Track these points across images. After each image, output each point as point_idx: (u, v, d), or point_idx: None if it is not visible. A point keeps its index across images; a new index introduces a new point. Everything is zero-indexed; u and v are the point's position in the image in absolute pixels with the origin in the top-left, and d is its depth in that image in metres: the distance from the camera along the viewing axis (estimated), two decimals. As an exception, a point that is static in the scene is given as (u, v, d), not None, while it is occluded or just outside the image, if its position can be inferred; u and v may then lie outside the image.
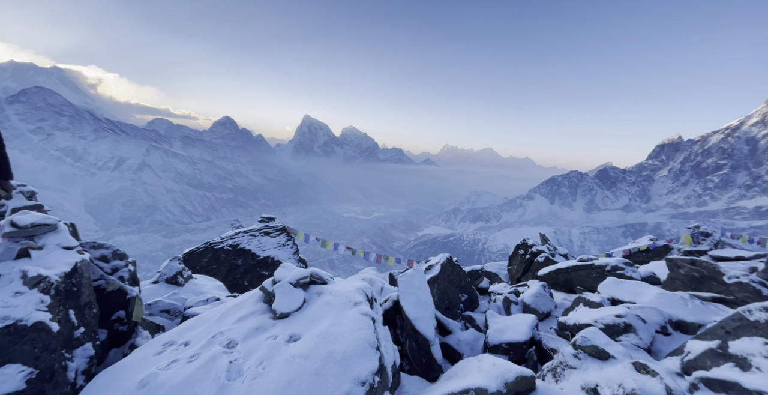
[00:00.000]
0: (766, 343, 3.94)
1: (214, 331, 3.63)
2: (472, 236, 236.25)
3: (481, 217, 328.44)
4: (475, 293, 9.40)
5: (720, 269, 7.28)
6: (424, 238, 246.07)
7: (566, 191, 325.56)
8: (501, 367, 3.74)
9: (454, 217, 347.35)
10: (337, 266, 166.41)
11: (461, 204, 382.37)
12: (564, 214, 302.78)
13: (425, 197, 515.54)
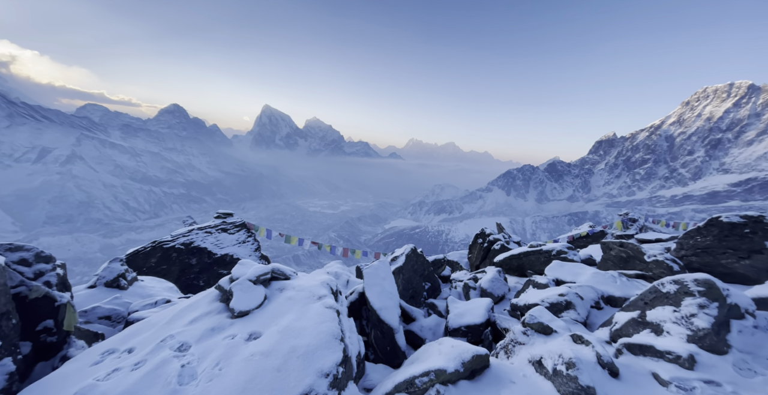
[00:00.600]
0: (674, 311, 4.66)
1: (163, 335, 3.37)
2: (436, 228, 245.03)
3: (445, 209, 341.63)
4: (438, 281, 9.83)
5: (642, 249, 8.42)
6: (391, 231, 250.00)
7: (520, 183, 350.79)
8: (459, 348, 3.98)
9: (420, 210, 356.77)
10: (302, 261, 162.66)
11: (426, 197, 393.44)
12: (518, 205, 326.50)
13: (392, 190, 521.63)
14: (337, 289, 5.12)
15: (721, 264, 7.20)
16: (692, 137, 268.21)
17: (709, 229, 7.50)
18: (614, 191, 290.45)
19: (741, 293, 4.84)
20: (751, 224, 7.08)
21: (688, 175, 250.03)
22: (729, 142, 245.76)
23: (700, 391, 3.32)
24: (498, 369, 3.93)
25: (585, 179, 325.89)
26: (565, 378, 3.50)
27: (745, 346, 4.01)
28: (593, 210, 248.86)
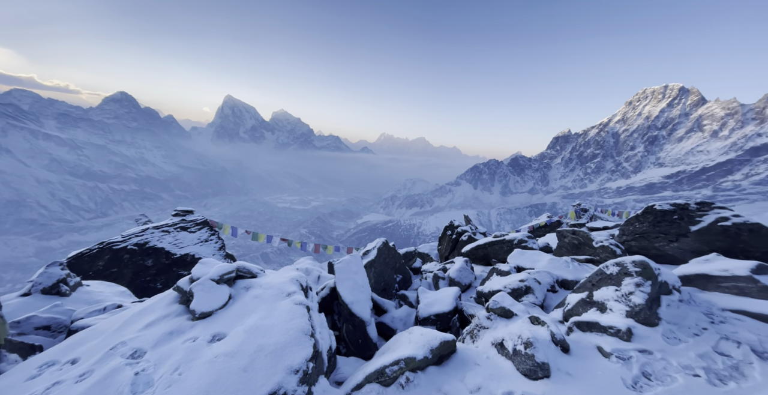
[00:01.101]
0: (616, 290, 5.19)
1: (112, 342, 3.11)
2: (408, 221, 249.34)
3: (416, 203, 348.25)
4: (409, 273, 10.06)
5: (591, 236, 9.25)
6: (364, 225, 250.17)
7: (486, 177, 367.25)
8: (427, 336, 4.14)
9: (392, 204, 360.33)
10: (272, 259, 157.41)
11: (398, 191, 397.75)
12: (485, 197, 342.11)
13: (364, 185, 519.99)
14: (307, 285, 5.04)
15: (654, 247, 8.15)
16: (634, 134, 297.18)
17: (646, 216, 8.43)
18: (569, 183, 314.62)
19: (669, 271, 5.52)
20: (678, 211, 8.06)
21: (631, 168, 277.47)
22: (663, 138, 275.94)
23: (635, 359, 3.76)
24: (464, 353, 4.15)
25: (544, 172, 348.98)
26: (523, 357, 3.78)
27: (672, 318, 4.59)
28: (551, 202, 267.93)
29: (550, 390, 3.27)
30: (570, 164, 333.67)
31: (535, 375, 3.56)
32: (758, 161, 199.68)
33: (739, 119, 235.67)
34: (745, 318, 4.59)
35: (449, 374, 3.69)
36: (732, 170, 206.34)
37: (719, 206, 7.67)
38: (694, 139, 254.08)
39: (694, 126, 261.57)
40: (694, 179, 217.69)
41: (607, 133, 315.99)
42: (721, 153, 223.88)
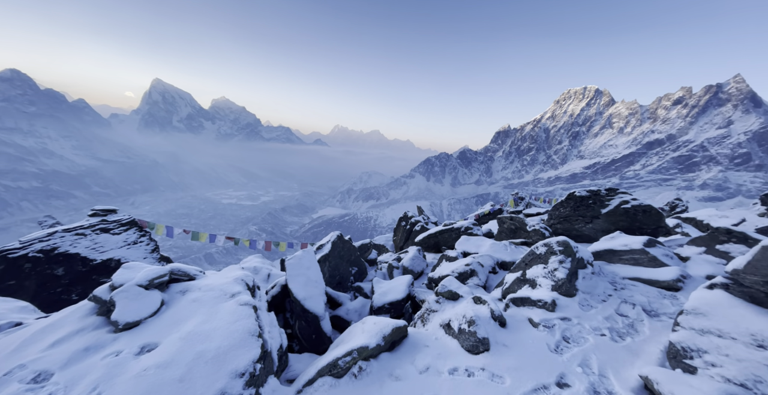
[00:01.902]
0: (544, 268, 5.89)
1: (7, 367, 2.60)
2: (365, 214, 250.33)
3: (373, 196, 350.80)
4: (365, 265, 10.15)
5: (525, 221, 10.33)
6: (320, 220, 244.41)
7: (438, 169, 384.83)
8: (380, 324, 4.25)
9: (348, 197, 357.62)
10: (217, 260, 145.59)
11: (354, 184, 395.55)
12: (437, 189, 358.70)
13: (318, 178, 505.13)
14: (254, 284, 4.78)
15: (575, 228, 9.41)
16: (561, 129, 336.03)
17: (568, 202, 9.65)
18: (509, 174, 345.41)
19: (585, 249, 6.42)
20: (593, 197, 9.39)
21: (558, 160, 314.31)
22: (584, 134, 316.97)
23: (557, 326, 4.34)
24: (414, 337, 4.35)
25: (488, 165, 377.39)
26: (467, 335, 4.11)
27: (586, 288, 5.38)
28: (494, 191, 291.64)
29: (489, 362, 3.62)
30: (510, 157, 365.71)
31: (477, 350, 3.90)
32: (652, 154, 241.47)
33: (638, 117, 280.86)
34: (638, 283, 5.58)
35: (401, 358, 3.85)
36: (633, 162, 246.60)
37: (622, 192, 9.12)
38: (606, 135, 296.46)
39: (606, 123, 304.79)
40: (606, 169, 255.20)
41: (540, 128, 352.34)
42: (625, 147, 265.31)
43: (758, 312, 2.97)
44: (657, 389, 2.77)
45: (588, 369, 3.45)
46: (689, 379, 2.71)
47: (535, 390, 3.16)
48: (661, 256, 5.88)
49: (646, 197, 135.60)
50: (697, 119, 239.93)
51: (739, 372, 2.70)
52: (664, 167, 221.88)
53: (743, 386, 2.64)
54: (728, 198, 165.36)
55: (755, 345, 2.74)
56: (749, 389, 2.60)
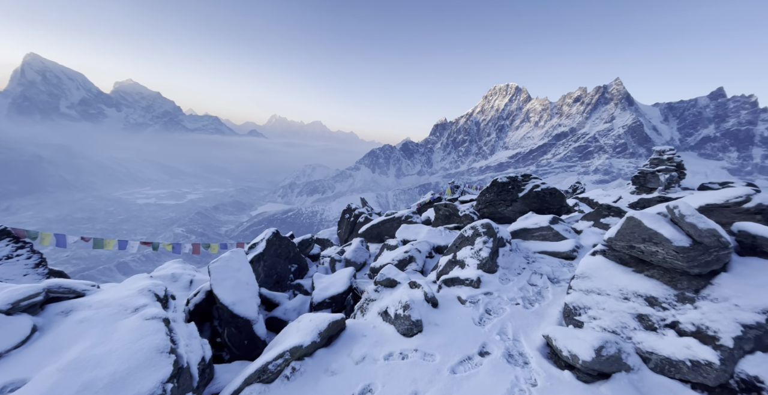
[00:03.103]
0: (471, 249, 6.41)
1: None
2: (310, 209, 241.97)
3: (318, 189, 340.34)
4: (305, 261, 9.79)
5: (458, 207, 11.14)
6: (260, 217, 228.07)
7: (382, 161, 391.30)
8: (316, 321, 4.12)
9: (291, 192, 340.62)
10: (135, 269, 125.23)
11: (297, 178, 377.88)
12: (382, 181, 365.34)
13: (256, 172, 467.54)
14: (166, 294, 4.18)
15: (498, 211, 10.48)
16: (489, 123, 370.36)
17: (492, 188, 10.68)
18: (447, 165, 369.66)
19: (505, 229, 7.17)
20: (511, 182, 10.54)
21: (488, 151, 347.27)
22: (507, 127, 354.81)
23: (481, 301, 4.79)
24: (353, 328, 4.35)
25: (428, 156, 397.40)
26: (402, 319, 4.25)
27: (505, 264, 6.03)
28: (435, 181, 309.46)
29: (422, 343, 3.81)
30: (447, 149, 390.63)
31: (411, 333, 4.06)
32: (559, 144, 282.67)
33: (549, 113, 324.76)
34: (546, 256, 6.48)
35: (338, 352, 3.81)
36: (546, 151, 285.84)
37: (534, 177, 10.43)
38: (525, 128, 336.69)
39: (524, 118, 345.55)
40: (526, 159, 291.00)
41: (472, 122, 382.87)
42: (540, 139, 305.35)
43: (624, 271, 3.68)
44: (554, 345, 3.25)
45: (505, 336, 3.88)
46: (577, 333, 3.23)
47: (461, 362, 3.44)
48: (562, 231, 6.91)
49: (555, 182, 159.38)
50: (591, 115, 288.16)
51: (612, 321, 3.31)
52: (568, 156, 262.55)
53: (614, 332, 3.25)
54: (612, 180, 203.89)
55: (622, 297, 3.39)
56: (618, 334, 3.22)
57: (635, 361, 2.92)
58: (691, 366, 2.64)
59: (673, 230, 3.17)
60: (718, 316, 2.69)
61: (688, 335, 2.79)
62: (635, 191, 12.85)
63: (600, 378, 2.86)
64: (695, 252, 2.96)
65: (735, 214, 4.09)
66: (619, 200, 11.85)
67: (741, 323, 2.59)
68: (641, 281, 3.37)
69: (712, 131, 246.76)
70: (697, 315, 2.81)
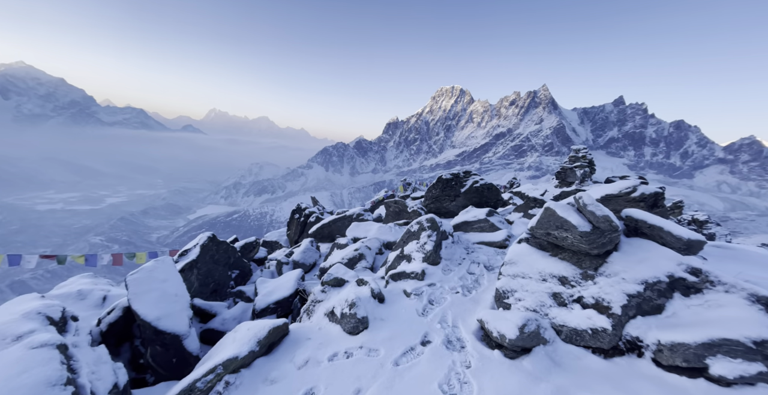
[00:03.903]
0: (417, 243, 6.63)
1: None
2: (258, 210, 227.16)
3: (267, 189, 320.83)
4: (249, 266, 9.15)
5: (407, 204, 11.47)
6: (200, 221, 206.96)
7: (336, 159, 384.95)
8: (255, 329, 3.86)
9: (236, 192, 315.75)
10: (35, 288, 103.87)
11: (243, 178, 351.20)
12: (336, 179, 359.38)
13: (194, 172, 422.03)
14: (64, 315, 3.54)
15: (443, 207, 11.05)
16: (437, 123, 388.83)
17: (437, 184, 11.21)
18: (400, 163, 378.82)
19: (448, 222, 7.58)
20: (455, 179, 11.19)
21: (437, 150, 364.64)
22: (454, 127, 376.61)
23: (425, 293, 4.99)
24: (297, 332, 4.18)
25: (382, 154, 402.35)
26: (348, 318, 4.22)
27: (447, 255, 6.37)
28: (389, 179, 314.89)
29: (367, 339, 3.82)
30: (400, 147, 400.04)
31: (357, 331, 4.05)
32: (499, 144, 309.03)
33: (489, 114, 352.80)
34: (483, 246, 7.01)
35: (279, 359, 3.63)
36: (488, 150, 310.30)
37: (474, 174, 11.21)
38: (469, 128, 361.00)
39: (469, 118, 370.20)
40: (471, 157, 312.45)
41: (422, 121, 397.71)
42: (482, 138, 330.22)
43: (543, 255, 4.14)
44: (487, 327, 3.52)
45: (445, 324, 4.09)
46: (505, 314, 3.54)
47: (404, 354, 3.53)
48: (497, 222, 7.54)
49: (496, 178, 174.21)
50: (524, 117, 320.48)
51: (533, 301, 3.71)
52: (506, 154, 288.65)
53: (535, 310, 3.64)
54: (543, 176, 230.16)
55: (541, 279, 3.82)
56: (538, 312, 3.62)
57: (551, 334, 3.31)
58: (591, 334, 3.09)
59: (579, 217, 3.66)
60: (610, 289, 3.19)
61: (589, 307, 3.25)
62: (558, 185, 14.62)
63: (523, 353, 3.19)
64: (594, 236, 3.45)
65: (625, 202, 4.88)
66: (545, 194, 13.37)
67: (626, 293, 3.10)
68: (556, 264, 3.82)
69: (616, 133, 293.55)
70: (596, 289, 3.29)
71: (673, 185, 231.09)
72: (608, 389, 2.59)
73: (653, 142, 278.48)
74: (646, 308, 3.07)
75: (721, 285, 2.92)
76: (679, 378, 2.62)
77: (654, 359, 2.81)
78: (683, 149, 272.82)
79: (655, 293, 3.08)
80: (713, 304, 2.82)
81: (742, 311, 2.69)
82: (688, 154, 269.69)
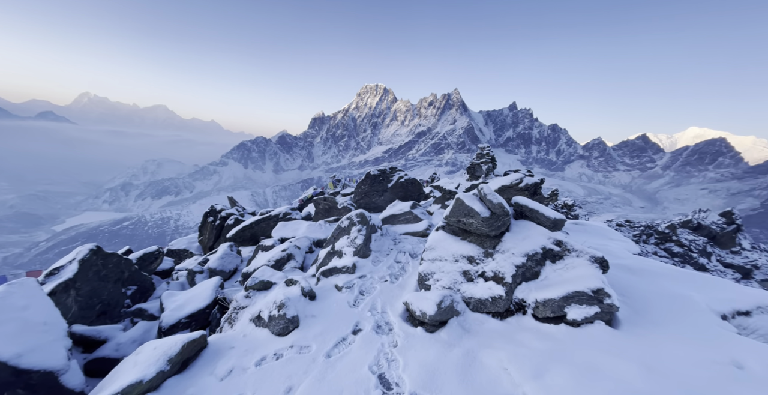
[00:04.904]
0: (347, 238, 6.75)
1: None
2: (159, 215, 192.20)
3: (168, 190, 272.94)
4: (150, 279, 7.81)
5: (336, 200, 11.45)
6: (73, 232, 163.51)
7: (256, 155, 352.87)
8: (163, 347, 3.40)
9: (126, 195, 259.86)
10: None
11: (134, 177, 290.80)
12: (257, 177, 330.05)
13: (60, 172, 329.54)
14: None
15: (372, 202, 11.43)
16: (364, 120, 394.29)
17: (366, 180, 11.52)
18: (329, 159, 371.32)
19: (377, 216, 7.89)
20: (382, 175, 11.68)
21: (366, 146, 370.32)
22: (380, 124, 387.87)
23: (356, 285, 5.16)
24: (217, 343, 3.84)
25: (309, 150, 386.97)
26: (277, 319, 4.08)
27: (377, 247, 6.68)
28: (317, 176, 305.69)
29: (298, 338, 3.78)
30: (328, 143, 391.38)
31: (287, 331, 3.96)
32: (421, 142, 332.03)
33: (411, 113, 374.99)
34: (408, 236, 7.57)
35: (196, 374, 3.29)
36: (411, 147, 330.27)
37: (399, 170, 11.90)
38: (394, 126, 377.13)
39: (393, 117, 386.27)
40: (397, 153, 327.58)
41: (349, 117, 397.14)
42: (406, 136, 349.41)
43: (456, 240, 4.75)
44: (411, 308, 3.89)
45: (375, 311, 4.34)
46: (426, 294, 3.97)
47: (336, 345, 3.63)
48: (420, 214, 8.23)
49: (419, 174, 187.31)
50: (440, 118, 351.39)
51: (448, 280, 4.24)
52: (427, 151, 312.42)
53: (450, 288, 4.18)
54: (458, 171, 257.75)
55: (454, 260, 4.38)
56: (452, 288, 4.16)
57: (462, 307, 3.87)
58: (491, 301, 3.73)
59: (481, 205, 4.33)
60: (504, 263, 3.89)
61: (490, 279, 3.91)
62: (469, 179, 16.69)
63: (441, 326, 3.64)
64: (492, 220, 4.14)
65: (515, 191, 5.93)
66: (459, 187, 15.10)
67: (515, 265, 3.84)
68: (465, 246, 4.44)
69: (511, 134, 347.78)
70: (494, 264, 3.97)
71: (551, 176, 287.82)
72: (503, 343, 3.20)
73: (537, 141, 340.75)
74: (528, 275, 3.87)
75: (574, 252, 3.89)
76: (549, 326, 3.41)
77: (533, 314, 3.58)
78: (557, 148, 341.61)
79: (534, 262, 3.91)
80: (569, 266, 3.74)
81: (586, 269, 3.64)
82: (560, 151, 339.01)
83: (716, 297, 3.64)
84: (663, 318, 3.31)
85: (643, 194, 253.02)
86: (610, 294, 3.29)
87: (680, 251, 20.60)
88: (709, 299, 3.57)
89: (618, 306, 3.24)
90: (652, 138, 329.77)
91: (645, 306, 3.55)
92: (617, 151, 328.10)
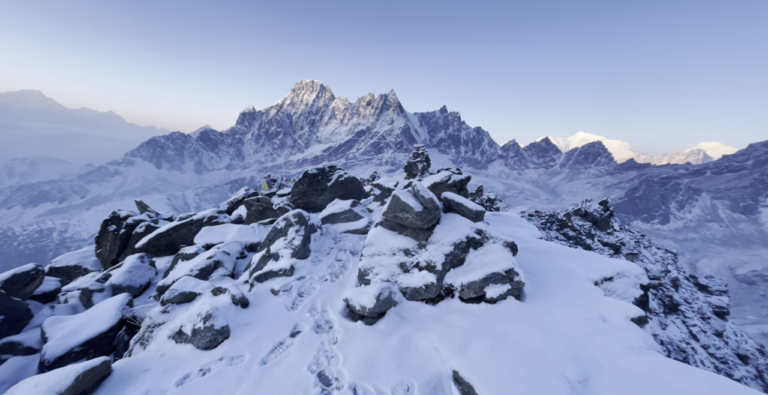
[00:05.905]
0: (284, 239, 6.44)
1: None
2: (35, 227, 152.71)
3: (48, 196, 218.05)
4: (25, 306, 6.23)
5: (272, 201, 10.78)
6: None
7: (172, 153, 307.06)
8: (49, 381, 2.79)
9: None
10: None
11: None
12: (175, 178, 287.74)
13: None
14: None
15: (312, 201, 11.11)
16: (301, 116, 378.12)
17: (304, 179, 11.13)
18: (262, 158, 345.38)
19: (316, 216, 7.72)
20: (321, 174, 11.42)
21: (303, 144, 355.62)
22: (318, 122, 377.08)
23: (295, 287, 4.99)
24: (126, 368, 3.31)
25: (238, 148, 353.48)
26: (203, 332, 3.70)
27: (316, 247, 6.54)
28: (249, 176, 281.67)
29: (229, 348, 3.50)
30: (260, 140, 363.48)
31: (215, 343, 3.63)
32: (361, 140, 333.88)
33: (350, 112, 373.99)
34: (349, 234, 7.59)
35: (98, 409, 2.79)
36: (351, 146, 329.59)
37: (339, 168, 11.81)
38: (333, 124, 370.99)
39: (331, 115, 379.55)
40: (337, 152, 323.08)
41: (284, 114, 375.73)
42: (346, 135, 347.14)
43: (393, 234, 4.97)
44: (351, 304, 3.95)
45: (315, 311, 4.27)
46: (366, 288, 4.07)
47: (272, 350, 3.47)
48: (360, 212, 8.33)
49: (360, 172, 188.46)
50: (379, 118, 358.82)
51: (386, 273, 4.42)
52: (367, 150, 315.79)
53: (388, 280, 4.36)
54: (397, 170, 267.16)
55: (391, 254, 4.59)
56: (390, 280, 4.35)
57: (399, 297, 4.09)
58: (425, 289, 4.03)
59: (415, 201, 4.61)
60: (435, 252, 4.24)
61: (424, 269, 4.21)
62: (406, 177, 17.49)
63: (380, 318, 3.79)
64: (425, 214, 4.46)
65: (445, 187, 6.47)
66: (397, 184, 15.72)
67: (444, 254, 4.21)
68: (402, 240, 4.69)
69: (443, 135, 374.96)
70: (427, 255, 4.29)
71: (477, 174, 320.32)
72: (434, 325, 3.50)
73: (465, 142, 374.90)
74: (455, 262, 4.30)
75: (492, 239, 4.45)
76: (472, 305, 3.85)
77: (460, 297, 3.99)
78: (481, 148, 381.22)
79: (460, 250, 4.35)
80: (488, 252, 4.28)
81: (501, 253, 4.20)
82: (484, 151, 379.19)
83: (591, 268, 4.62)
84: (555, 289, 4.06)
85: (547, 188, 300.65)
86: (518, 273, 3.87)
87: (573, 235, 25.13)
88: (586, 270, 4.50)
89: (524, 282, 3.84)
90: (552, 140, 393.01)
91: (543, 280, 4.28)
92: (527, 151, 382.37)
